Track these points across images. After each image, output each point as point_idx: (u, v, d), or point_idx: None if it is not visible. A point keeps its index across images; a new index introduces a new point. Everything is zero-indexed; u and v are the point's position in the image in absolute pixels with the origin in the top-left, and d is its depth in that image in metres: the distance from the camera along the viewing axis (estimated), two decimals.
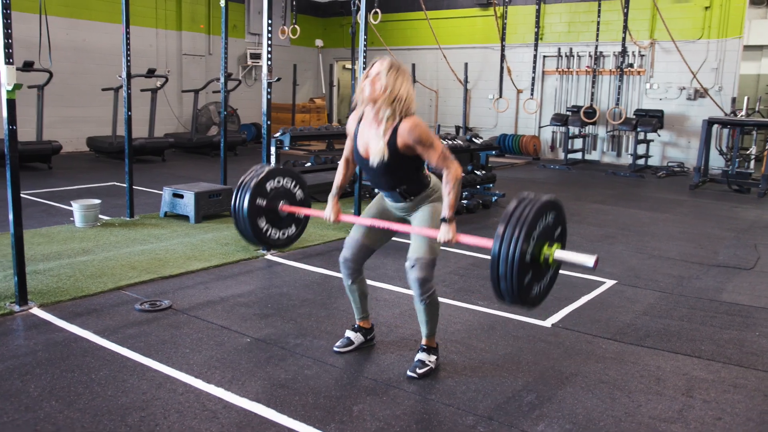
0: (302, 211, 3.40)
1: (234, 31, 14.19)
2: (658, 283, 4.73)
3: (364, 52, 5.92)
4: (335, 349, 3.29)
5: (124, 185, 6.07)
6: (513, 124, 13.48)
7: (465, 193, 7.71)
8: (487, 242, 2.57)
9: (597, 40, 11.89)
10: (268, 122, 5.39)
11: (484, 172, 7.84)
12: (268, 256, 5.05)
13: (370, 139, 2.90)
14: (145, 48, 12.38)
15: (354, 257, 3.12)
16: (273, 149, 7.54)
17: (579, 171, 11.28)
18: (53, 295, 3.89)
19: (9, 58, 3.43)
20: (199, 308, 3.83)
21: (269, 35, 4.92)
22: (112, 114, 10.57)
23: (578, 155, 12.38)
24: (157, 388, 2.79)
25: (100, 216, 6.05)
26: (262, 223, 3.31)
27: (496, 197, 7.87)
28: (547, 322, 3.80)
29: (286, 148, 7.46)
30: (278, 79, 5.68)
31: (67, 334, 3.36)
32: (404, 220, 3.09)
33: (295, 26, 11.44)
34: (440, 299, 4.06)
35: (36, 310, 3.66)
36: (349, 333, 3.35)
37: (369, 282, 4.40)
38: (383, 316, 3.81)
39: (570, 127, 11.97)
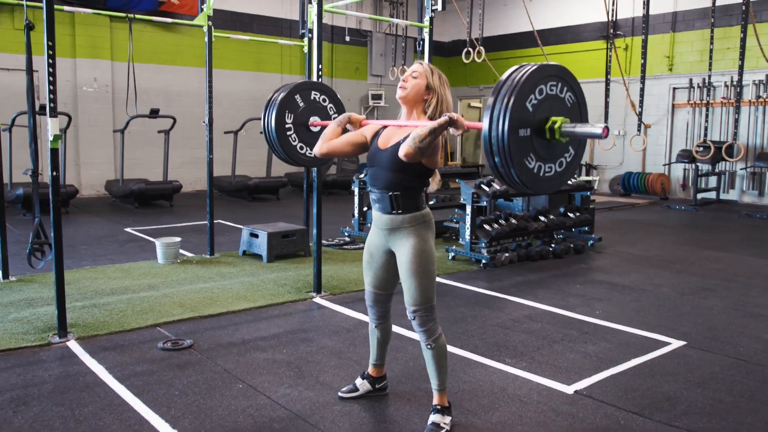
0: (326, 124, 3.57)
1: (356, 73, 14.73)
2: (738, 347, 4.08)
3: None
4: (340, 394, 3.24)
5: (231, 224, 6.37)
6: (641, 161, 12.56)
7: (560, 236, 7.26)
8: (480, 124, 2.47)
9: (710, 69, 10.82)
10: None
11: (578, 213, 7.34)
12: (317, 299, 5.05)
13: (396, 132, 2.87)
14: (270, 92, 13.17)
15: (374, 305, 3.10)
16: (356, 189, 7.65)
17: (709, 212, 10.19)
18: (94, 329, 4.16)
19: (53, 112, 3.78)
20: (216, 350, 3.89)
21: (319, 73, 5.00)
22: (232, 155, 11.36)
23: (712, 194, 11.22)
24: (124, 431, 2.85)
25: (183, 252, 6.44)
26: (293, 139, 3.55)
27: (592, 241, 7.31)
28: (570, 388, 3.40)
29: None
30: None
31: (83, 367, 3.56)
32: (390, 254, 2.96)
33: (405, 67, 11.59)
34: (468, 355, 3.84)
35: (72, 343, 3.93)
36: (357, 380, 3.29)
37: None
38: (393, 369, 3.63)
39: (699, 164, 10.92)
